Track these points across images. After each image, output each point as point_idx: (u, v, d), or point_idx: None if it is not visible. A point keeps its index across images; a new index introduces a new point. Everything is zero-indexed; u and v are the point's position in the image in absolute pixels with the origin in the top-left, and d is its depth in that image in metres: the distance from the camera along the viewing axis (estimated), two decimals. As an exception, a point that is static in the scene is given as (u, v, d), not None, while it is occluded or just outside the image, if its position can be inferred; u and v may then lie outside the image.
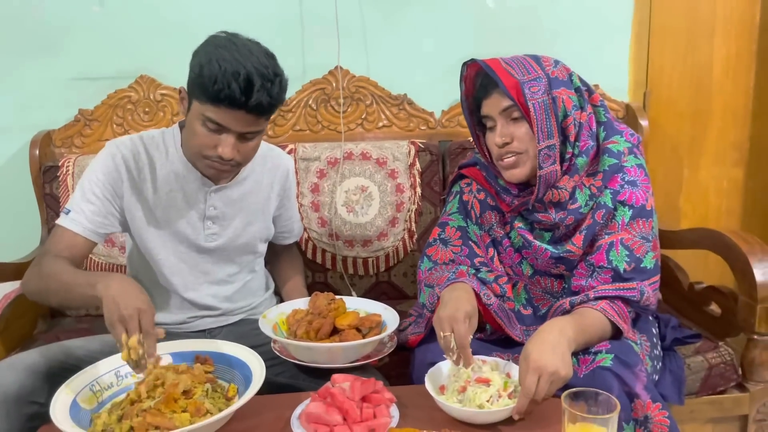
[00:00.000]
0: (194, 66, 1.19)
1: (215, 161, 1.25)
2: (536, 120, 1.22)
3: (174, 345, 1.22)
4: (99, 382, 1.13)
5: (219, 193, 1.38)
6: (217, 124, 1.19)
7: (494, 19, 2.02)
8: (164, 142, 1.36)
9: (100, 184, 1.31)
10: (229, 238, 1.41)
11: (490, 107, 1.27)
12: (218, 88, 1.13)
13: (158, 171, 1.35)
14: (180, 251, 1.38)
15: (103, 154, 1.33)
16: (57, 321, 1.85)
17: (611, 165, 1.27)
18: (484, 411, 1.04)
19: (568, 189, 1.27)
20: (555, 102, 1.23)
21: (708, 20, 2.11)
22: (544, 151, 1.23)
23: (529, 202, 1.29)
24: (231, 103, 1.15)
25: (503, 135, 1.26)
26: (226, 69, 1.13)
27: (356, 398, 1.05)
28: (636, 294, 1.24)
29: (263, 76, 1.15)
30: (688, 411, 1.48)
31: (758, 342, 1.49)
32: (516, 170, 1.28)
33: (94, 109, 1.95)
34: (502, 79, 1.22)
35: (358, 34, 1.99)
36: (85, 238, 1.29)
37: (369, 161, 1.89)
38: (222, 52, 1.15)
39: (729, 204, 2.24)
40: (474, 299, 1.23)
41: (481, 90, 1.29)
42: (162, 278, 1.39)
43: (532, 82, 1.23)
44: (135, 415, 1.01)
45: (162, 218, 1.36)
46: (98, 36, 1.94)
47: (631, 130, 1.34)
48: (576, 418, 0.87)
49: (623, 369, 1.15)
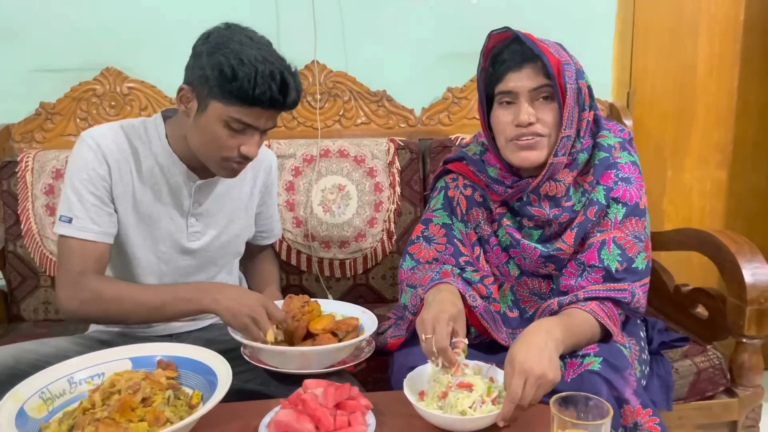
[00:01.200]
0: (216, 65, 1.14)
1: (236, 161, 1.23)
2: (568, 105, 1.18)
3: (134, 349, 1.16)
4: (50, 389, 1.05)
5: (204, 188, 1.34)
6: (245, 125, 1.19)
7: (477, 15, 2.01)
8: (146, 132, 1.30)
9: (92, 181, 1.24)
10: (212, 237, 1.38)
11: (519, 82, 1.20)
12: (260, 91, 1.14)
13: (142, 162, 1.29)
14: (161, 251, 1.33)
15: (84, 147, 1.26)
16: (14, 326, 1.79)
17: (601, 159, 1.25)
18: (466, 418, 0.99)
19: (565, 183, 1.24)
20: (580, 92, 1.21)
21: (692, 19, 2.12)
22: (565, 139, 1.20)
23: (524, 191, 1.25)
24: (271, 104, 1.17)
25: (530, 113, 1.20)
26: (262, 71, 1.14)
27: (329, 405, 1.00)
28: (627, 295, 1.22)
29: (293, 74, 1.19)
30: (677, 417, 1.47)
31: (747, 345, 1.48)
32: (533, 153, 1.22)
33: (56, 103, 1.91)
34: (546, 55, 1.17)
35: (336, 27, 1.97)
36: (103, 243, 1.26)
37: (346, 159, 1.87)
38: (247, 51, 1.15)
39: (713, 206, 2.26)
40: (460, 301, 1.18)
41: (510, 62, 1.21)
42: (137, 279, 1.34)
43: (566, 66, 1.19)
44: (87, 424, 0.95)
45: (146, 214, 1.31)
46: (61, 26, 1.89)
47: (620, 126, 1.32)
48: (566, 425, 0.84)
49: (612, 373, 1.11)
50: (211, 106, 1.17)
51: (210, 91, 1.16)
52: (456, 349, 1.08)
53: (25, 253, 1.79)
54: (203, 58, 1.16)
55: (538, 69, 1.19)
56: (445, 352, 1.06)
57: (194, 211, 1.34)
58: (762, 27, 2.14)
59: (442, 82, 2.00)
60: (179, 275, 1.37)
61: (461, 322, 1.13)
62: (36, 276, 1.81)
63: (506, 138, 1.24)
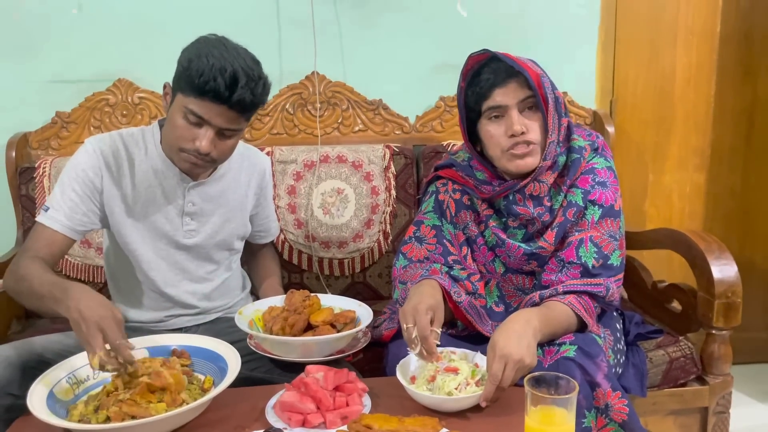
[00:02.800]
0: (182, 60, 1.22)
1: (191, 154, 1.26)
2: (551, 113, 1.26)
3: (150, 339, 1.23)
4: (75, 375, 1.13)
5: (197, 189, 1.39)
6: (198, 117, 1.21)
7: (466, 28, 2.06)
8: (144, 138, 1.38)
9: (79, 180, 1.31)
10: (207, 234, 1.43)
11: (505, 96, 1.27)
12: (204, 80, 1.16)
13: (137, 167, 1.36)
14: (158, 247, 1.39)
15: (82, 151, 1.34)
16: (31, 322, 1.84)
17: (574, 160, 1.33)
18: (452, 398, 1.06)
19: (548, 184, 1.32)
20: (558, 101, 1.29)
21: (670, 31, 2.16)
22: (552, 144, 1.28)
23: (511, 190, 1.32)
24: (215, 97, 1.18)
25: (521, 124, 1.27)
26: (214, 64, 1.17)
27: (329, 387, 1.07)
28: (602, 290, 1.29)
29: (248, 75, 1.19)
30: (651, 403, 1.52)
31: (716, 336, 1.53)
32: (529, 159, 1.29)
33: (71, 112, 1.95)
34: (526, 69, 1.25)
35: (334, 40, 2.02)
36: (63, 236, 1.30)
37: (345, 164, 1.92)
38: (211, 49, 1.19)
39: (692, 207, 2.29)
40: (439, 293, 1.25)
41: (494, 79, 1.28)
42: (141, 274, 1.40)
43: (544, 78, 1.27)
44: (111, 405, 1.02)
45: (141, 214, 1.37)
46: (76, 39, 1.94)
47: (588, 130, 1.40)
48: (538, 401, 0.90)
49: (585, 359, 1.18)
50: (176, 98, 1.24)
51: (176, 82, 1.24)
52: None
53: (42, 254, 1.86)
54: (180, 57, 1.24)
55: (522, 83, 1.27)
56: (426, 340, 1.13)
57: (188, 211, 1.39)
58: (737, 38, 2.18)
59: (434, 92, 2.05)
60: (178, 269, 1.42)
61: (439, 313, 1.20)
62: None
63: (501, 149, 1.30)
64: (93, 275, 1.86)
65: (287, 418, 1.04)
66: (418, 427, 0.94)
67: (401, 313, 1.20)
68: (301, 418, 1.04)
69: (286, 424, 1.03)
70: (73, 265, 1.86)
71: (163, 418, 0.98)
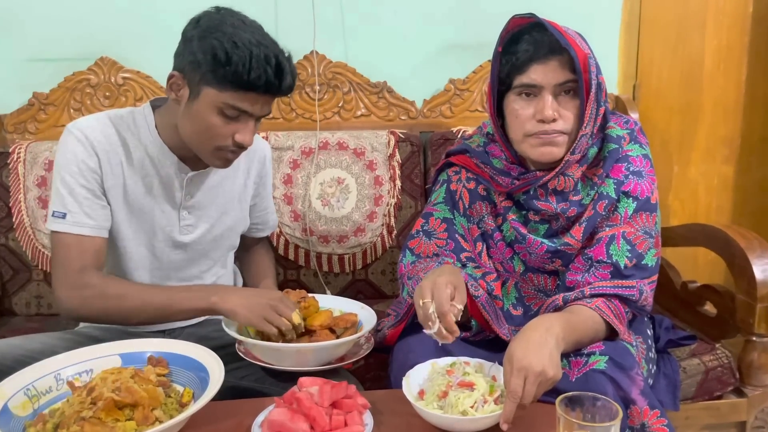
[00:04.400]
0: (209, 50, 1.12)
1: (230, 150, 1.22)
2: (591, 102, 1.16)
3: (124, 345, 1.14)
4: (36, 385, 1.04)
5: (196, 179, 1.32)
6: (240, 111, 1.17)
7: (478, 6, 2.00)
8: (135, 122, 1.28)
9: (83, 173, 1.22)
10: (205, 230, 1.36)
11: (543, 74, 1.16)
12: (255, 75, 1.12)
13: (132, 154, 1.27)
14: (153, 245, 1.32)
15: (71, 141, 1.23)
16: (5, 320, 1.77)
17: (611, 151, 1.23)
18: (467, 418, 0.97)
19: (575, 178, 1.22)
20: (600, 88, 1.17)
21: (699, 12, 2.13)
22: (583, 138, 1.18)
23: (532, 185, 1.23)
24: (266, 89, 1.15)
25: (555, 108, 1.17)
26: (257, 55, 1.12)
27: (325, 404, 0.98)
28: (635, 293, 1.19)
29: (288, 59, 1.18)
30: (684, 417, 1.46)
31: (757, 344, 1.47)
32: (555, 149, 1.19)
33: (49, 93, 1.90)
34: (573, 46, 1.13)
35: (335, 17, 1.97)
36: (100, 237, 1.24)
37: (346, 151, 1.86)
38: (242, 34, 1.13)
39: (719, 201, 2.27)
40: (460, 275, 1.16)
41: (534, 53, 1.17)
42: (128, 273, 1.32)
43: (591, 60, 1.15)
44: (72, 423, 0.92)
45: (137, 206, 1.29)
46: (55, 14, 1.88)
47: (624, 117, 1.30)
48: (572, 426, 0.81)
49: (618, 372, 1.09)
50: (204, 93, 1.15)
51: (202, 76, 1.14)
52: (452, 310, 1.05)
53: (17, 247, 1.77)
54: (194, 43, 1.13)
55: (564, 62, 1.15)
56: (445, 316, 1.05)
57: (186, 204, 1.32)
58: None
59: (444, 74, 2.00)
60: (171, 269, 1.35)
61: (461, 289, 1.11)
62: (28, 269, 1.78)
63: (525, 132, 1.20)
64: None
65: (276, 440, 0.94)
66: (429, 457, 0.82)
67: (417, 289, 1.11)
68: (292, 440, 0.94)
69: (274, 448, 0.93)
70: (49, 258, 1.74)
71: (131, 441, 0.88)
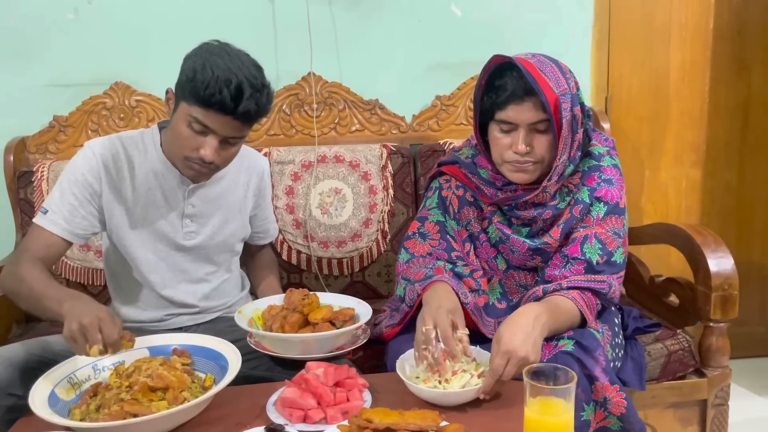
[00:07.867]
0: (186, 69, 1.21)
1: (195, 162, 1.27)
2: (563, 136, 1.24)
3: (151, 339, 1.24)
4: (77, 374, 1.14)
5: (197, 192, 1.40)
6: (203, 126, 1.22)
7: (461, 27, 2.07)
8: (143, 141, 1.38)
9: (78, 184, 1.32)
10: (207, 236, 1.43)
11: (519, 115, 1.24)
12: (210, 92, 1.17)
13: (137, 169, 1.36)
14: (159, 249, 1.40)
15: (81, 154, 1.35)
16: (32, 326, 1.84)
17: (591, 166, 1.33)
18: (453, 392, 1.07)
19: (551, 192, 1.32)
20: (575, 119, 1.25)
21: (664, 28, 2.18)
22: (559, 166, 1.27)
23: (514, 198, 1.32)
24: (221, 109, 1.19)
25: (527, 143, 1.26)
26: (219, 76, 1.17)
27: (330, 383, 1.08)
28: (605, 287, 1.29)
29: (253, 86, 1.20)
30: (650, 396, 1.53)
31: (714, 329, 1.54)
32: (525, 175, 1.29)
33: (68, 116, 1.96)
34: (544, 92, 1.20)
35: (330, 41, 2.03)
36: (61, 239, 1.31)
37: (342, 164, 1.93)
38: (216, 59, 1.19)
39: (688, 202, 2.30)
40: (454, 296, 1.25)
41: (511, 94, 1.24)
42: (139, 276, 1.41)
43: (563, 97, 1.22)
44: (113, 404, 1.03)
45: (141, 216, 1.38)
46: (73, 43, 1.95)
47: (604, 135, 1.40)
48: (537, 392, 0.91)
49: (583, 353, 1.20)
50: (180, 106, 1.24)
51: (181, 92, 1.23)
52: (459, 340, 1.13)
53: (41, 257, 1.86)
54: (183, 64, 1.24)
55: (538, 103, 1.22)
56: (449, 341, 1.12)
57: (188, 213, 1.40)
58: (730, 34, 2.20)
59: (430, 91, 2.06)
60: (178, 271, 1.43)
61: (459, 315, 1.19)
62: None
63: (503, 159, 1.30)
64: (92, 278, 1.87)
65: (288, 415, 1.05)
66: (418, 420, 0.95)
67: (419, 319, 1.19)
68: (302, 414, 1.04)
69: (287, 421, 1.04)
70: (72, 268, 1.86)
71: (165, 415, 0.99)
